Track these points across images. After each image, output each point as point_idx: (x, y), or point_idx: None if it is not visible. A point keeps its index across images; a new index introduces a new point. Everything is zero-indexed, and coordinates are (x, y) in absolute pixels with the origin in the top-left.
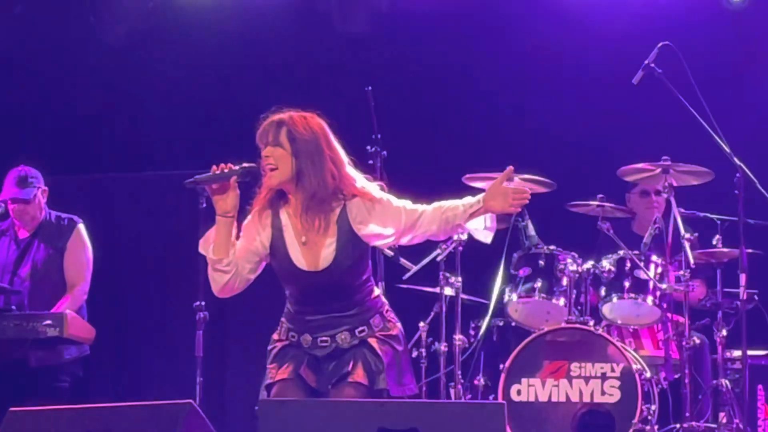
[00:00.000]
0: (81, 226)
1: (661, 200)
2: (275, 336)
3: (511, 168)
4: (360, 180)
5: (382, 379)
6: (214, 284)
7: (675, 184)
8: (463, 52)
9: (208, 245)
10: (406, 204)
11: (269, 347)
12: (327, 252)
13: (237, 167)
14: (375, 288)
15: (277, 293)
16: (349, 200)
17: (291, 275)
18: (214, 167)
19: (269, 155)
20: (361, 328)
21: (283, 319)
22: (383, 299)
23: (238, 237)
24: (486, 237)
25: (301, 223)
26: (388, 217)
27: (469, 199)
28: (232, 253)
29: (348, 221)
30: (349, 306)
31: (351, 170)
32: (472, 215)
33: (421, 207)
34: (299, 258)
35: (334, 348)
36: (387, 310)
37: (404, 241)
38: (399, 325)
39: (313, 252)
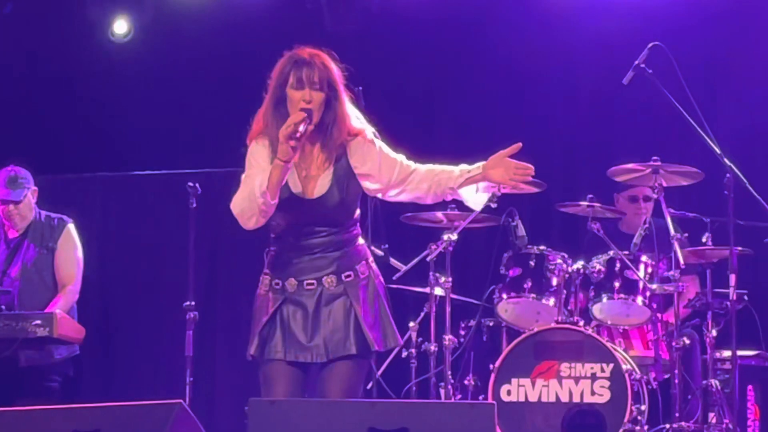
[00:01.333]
0: (71, 226)
1: (649, 206)
2: (259, 291)
3: (519, 144)
4: (359, 119)
5: (371, 341)
6: (251, 221)
7: (665, 184)
8: (452, 52)
9: (259, 190)
10: (402, 157)
11: (254, 306)
12: (323, 182)
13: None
14: (361, 239)
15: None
16: (350, 139)
17: (286, 202)
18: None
19: (311, 100)
20: (347, 273)
21: (265, 271)
22: (368, 251)
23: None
24: (476, 204)
25: (302, 156)
26: (383, 164)
27: (465, 166)
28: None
29: (347, 158)
30: (336, 245)
31: (351, 107)
32: (467, 180)
33: (414, 164)
34: (296, 184)
35: (320, 292)
36: (372, 261)
37: (392, 194)
38: (381, 278)
39: (310, 181)
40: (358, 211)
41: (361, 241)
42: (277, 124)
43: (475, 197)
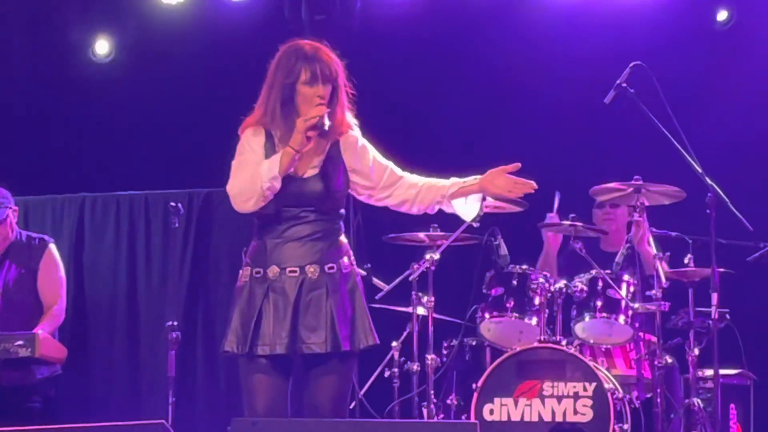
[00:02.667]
0: (52, 246)
1: (618, 212)
2: (238, 284)
3: (518, 164)
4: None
5: (340, 341)
6: (249, 202)
7: (647, 203)
8: (434, 70)
9: (268, 175)
10: (392, 164)
11: (233, 300)
12: (314, 164)
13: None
14: (344, 237)
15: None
16: (344, 133)
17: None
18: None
19: (323, 95)
20: (330, 265)
21: (246, 262)
22: (350, 249)
23: None
24: (466, 214)
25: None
26: (375, 166)
27: (456, 179)
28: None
29: (339, 150)
30: (321, 234)
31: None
32: (461, 190)
33: (404, 172)
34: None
35: (302, 280)
36: (352, 256)
37: (380, 196)
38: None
39: (302, 164)
40: (342, 210)
41: (344, 239)
42: (285, 118)
43: (465, 208)
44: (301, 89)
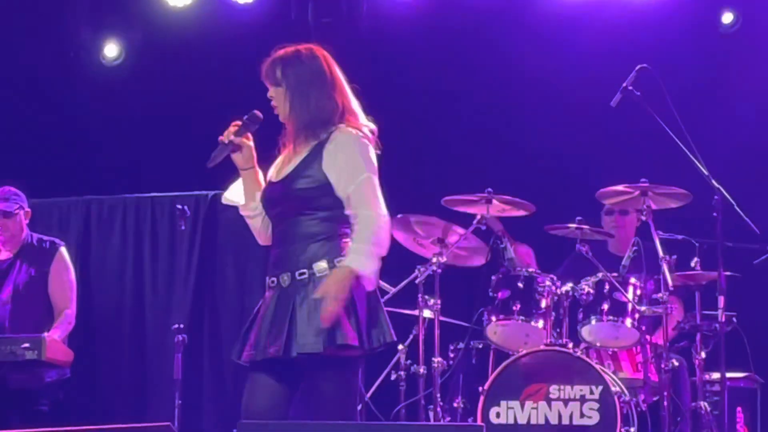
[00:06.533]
0: (63, 249)
1: (627, 220)
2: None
3: None
4: (359, 119)
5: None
6: (254, 233)
7: (653, 206)
8: (442, 75)
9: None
10: (364, 195)
11: None
12: (291, 165)
13: (241, 122)
14: (334, 240)
15: (248, 313)
16: (332, 129)
17: (264, 190)
18: (221, 138)
19: (272, 96)
20: (301, 271)
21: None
22: (340, 252)
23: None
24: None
25: (293, 150)
26: (342, 176)
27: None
28: (258, 198)
29: (322, 150)
30: (294, 238)
31: (353, 105)
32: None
33: (362, 211)
34: (272, 172)
35: (279, 292)
36: (338, 259)
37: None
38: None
39: (284, 167)
40: (322, 212)
41: (330, 244)
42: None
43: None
44: None
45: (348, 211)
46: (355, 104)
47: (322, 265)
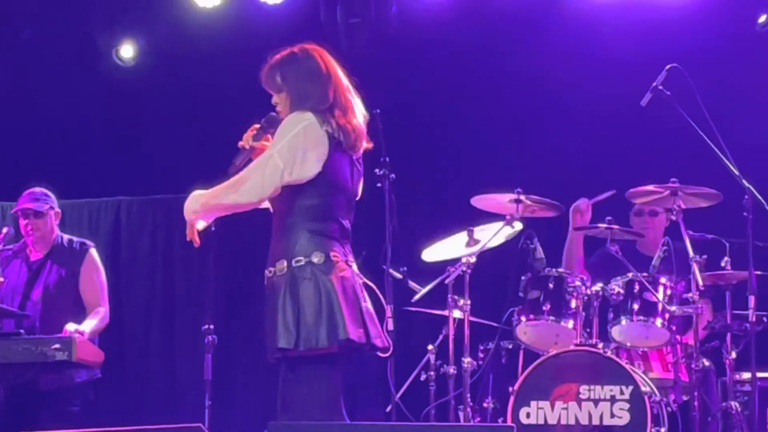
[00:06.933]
0: (93, 250)
1: (656, 221)
2: None
3: None
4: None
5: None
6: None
7: (683, 206)
8: (470, 73)
9: None
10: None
11: None
12: None
13: (259, 126)
14: (293, 236)
15: None
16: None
17: None
18: (241, 144)
19: (276, 102)
20: (270, 268)
21: None
22: (308, 248)
23: None
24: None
25: None
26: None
27: None
28: None
29: None
30: (274, 234)
31: (345, 99)
32: None
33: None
34: None
35: (267, 290)
36: (300, 256)
37: None
38: (313, 281)
39: None
40: (286, 206)
41: (296, 235)
42: None
43: None
44: None
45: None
46: (349, 98)
47: (282, 265)
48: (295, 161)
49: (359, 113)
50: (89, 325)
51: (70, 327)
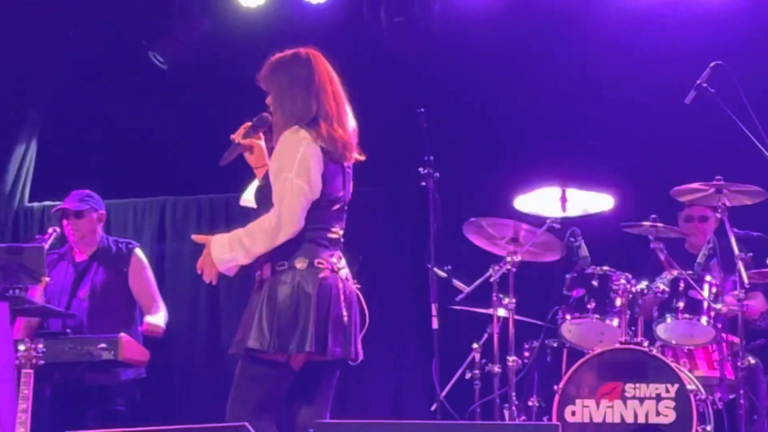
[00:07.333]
0: (138, 250)
1: (706, 226)
2: None
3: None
4: (332, 124)
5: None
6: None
7: (728, 203)
8: (513, 70)
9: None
10: (280, 192)
11: None
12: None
13: (251, 123)
14: (292, 241)
15: None
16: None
17: None
18: (233, 136)
19: (269, 102)
20: (258, 271)
21: None
22: (292, 252)
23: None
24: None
25: None
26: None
27: None
28: None
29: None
30: None
31: (333, 110)
32: None
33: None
34: None
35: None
36: (281, 260)
37: None
38: (292, 286)
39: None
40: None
41: (292, 240)
42: None
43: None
44: None
45: None
46: (335, 107)
47: (267, 267)
48: (311, 180)
49: (348, 123)
50: (161, 318)
51: (151, 320)
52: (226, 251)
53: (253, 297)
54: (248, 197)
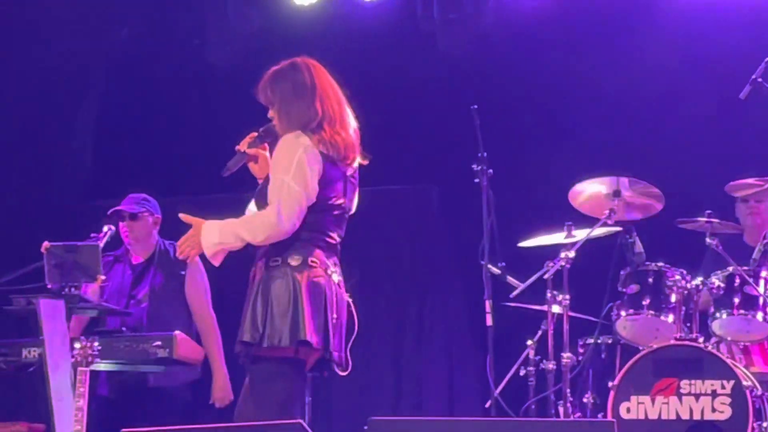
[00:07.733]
0: None
1: (762, 207)
2: None
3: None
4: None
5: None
6: None
7: None
8: (567, 68)
9: None
10: (276, 190)
11: None
12: None
13: (256, 134)
14: (288, 240)
15: (378, 312)
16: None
17: None
18: (238, 147)
19: (271, 116)
20: (253, 269)
21: None
22: (285, 250)
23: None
24: None
25: None
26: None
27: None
28: None
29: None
30: None
31: (336, 112)
32: None
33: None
34: None
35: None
36: (275, 257)
37: None
38: (285, 280)
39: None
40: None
41: (288, 239)
42: None
43: None
44: None
45: None
46: (337, 110)
47: (261, 263)
48: (307, 184)
49: (350, 126)
50: (225, 378)
51: (218, 393)
52: (216, 236)
53: (248, 293)
54: (253, 208)
